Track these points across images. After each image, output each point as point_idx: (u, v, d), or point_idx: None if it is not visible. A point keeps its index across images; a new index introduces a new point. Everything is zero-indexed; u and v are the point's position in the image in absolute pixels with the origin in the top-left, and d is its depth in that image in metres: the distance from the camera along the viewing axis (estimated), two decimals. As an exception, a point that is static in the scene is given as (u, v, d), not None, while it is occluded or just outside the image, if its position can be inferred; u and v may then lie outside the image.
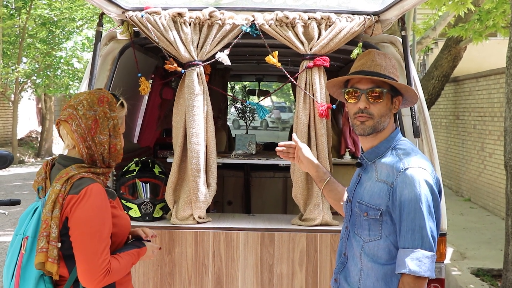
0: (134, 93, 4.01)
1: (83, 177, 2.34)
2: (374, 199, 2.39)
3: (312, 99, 3.58)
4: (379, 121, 2.43)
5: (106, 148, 2.41)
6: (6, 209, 5.18)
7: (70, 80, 19.76)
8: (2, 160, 3.57)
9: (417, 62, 15.53)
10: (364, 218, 2.42)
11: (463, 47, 10.63)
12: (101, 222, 2.29)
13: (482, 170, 11.15)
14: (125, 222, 2.48)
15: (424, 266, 2.25)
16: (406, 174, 2.31)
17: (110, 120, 2.42)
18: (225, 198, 5.69)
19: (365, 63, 2.47)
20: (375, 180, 2.43)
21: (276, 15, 3.56)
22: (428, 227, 2.27)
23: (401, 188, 2.31)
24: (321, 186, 2.81)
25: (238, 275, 3.52)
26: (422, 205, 2.27)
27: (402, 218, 2.29)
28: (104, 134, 2.40)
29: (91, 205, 2.28)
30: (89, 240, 2.26)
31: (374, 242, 2.40)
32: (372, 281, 2.39)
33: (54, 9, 18.49)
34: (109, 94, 2.48)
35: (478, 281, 6.63)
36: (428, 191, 2.30)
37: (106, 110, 2.41)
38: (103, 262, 2.27)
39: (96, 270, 2.26)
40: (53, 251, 2.26)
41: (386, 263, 2.37)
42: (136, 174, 3.76)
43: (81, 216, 2.27)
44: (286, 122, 35.70)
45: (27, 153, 20.74)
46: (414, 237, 2.27)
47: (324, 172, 2.82)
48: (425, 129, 3.65)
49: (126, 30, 3.71)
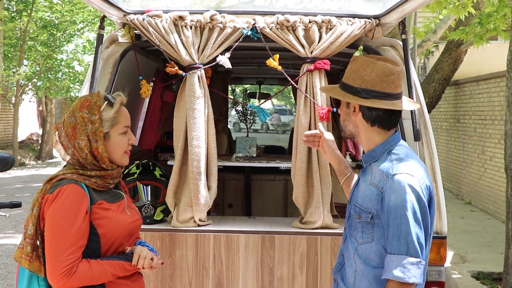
0: (135, 96, 4.02)
1: (65, 178, 2.37)
2: (365, 202, 2.42)
3: (312, 102, 3.59)
4: (343, 125, 2.58)
5: (87, 152, 2.40)
6: (7, 211, 5.19)
7: (71, 82, 19.77)
8: (3, 162, 3.58)
9: (418, 65, 15.54)
10: (358, 221, 2.44)
11: (463, 50, 10.63)
12: (67, 222, 2.28)
13: (482, 174, 11.15)
14: (115, 224, 2.43)
15: (408, 272, 2.25)
16: (394, 180, 2.33)
17: (89, 124, 2.40)
18: (225, 201, 5.69)
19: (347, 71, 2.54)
20: (368, 183, 2.44)
21: (277, 18, 3.57)
22: (414, 233, 2.27)
23: (389, 194, 2.32)
24: (341, 180, 2.85)
25: (239, 278, 3.52)
26: (407, 212, 2.27)
27: (389, 224, 2.31)
28: (82, 139, 2.39)
29: (60, 205, 2.30)
30: (53, 238, 2.29)
31: (366, 245, 2.41)
32: (366, 283, 2.41)
33: (55, 11, 18.51)
34: (94, 98, 2.45)
35: (478, 284, 6.63)
36: (414, 198, 2.30)
37: (84, 115, 2.40)
38: (64, 262, 2.26)
39: (56, 269, 2.26)
40: (26, 248, 2.33)
41: (378, 266, 2.38)
42: (137, 176, 3.77)
43: (50, 215, 2.31)
44: (287, 125, 35.69)
45: (28, 156, 20.75)
46: (399, 243, 2.27)
47: (346, 167, 2.86)
48: (425, 132, 3.65)
49: (128, 33, 3.72)
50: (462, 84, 12.46)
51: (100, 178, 2.43)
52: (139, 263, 2.44)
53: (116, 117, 2.46)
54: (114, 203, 2.48)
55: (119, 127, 2.48)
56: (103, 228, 2.39)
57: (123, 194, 2.58)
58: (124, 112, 2.52)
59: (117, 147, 2.48)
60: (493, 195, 10.52)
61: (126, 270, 2.42)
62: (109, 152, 2.46)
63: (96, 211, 2.38)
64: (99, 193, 2.44)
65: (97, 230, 2.38)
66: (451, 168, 13.36)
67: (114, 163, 2.49)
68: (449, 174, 13.47)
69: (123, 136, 2.50)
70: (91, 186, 2.41)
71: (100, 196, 2.43)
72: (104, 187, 2.46)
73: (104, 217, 2.40)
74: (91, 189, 2.41)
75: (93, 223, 2.37)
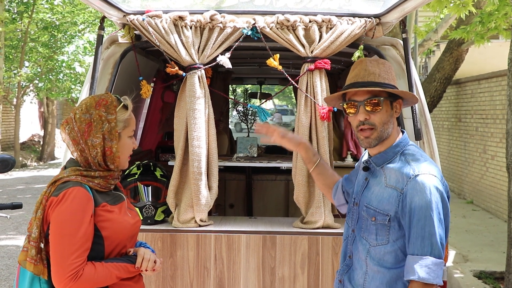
0: (136, 97, 4.01)
1: (69, 180, 2.36)
2: (383, 204, 2.39)
3: (313, 101, 3.58)
4: (382, 129, 2.43)
5: (99, 151, 2.40)
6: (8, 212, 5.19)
7: (72, 84, 19.81)
8: (4, 164, 3.57)
9: (419, 65, 15.52)
10: (372, 223, 2.42)
11: (465, 49, 10.62)
12: (74, 225, 2.28)
13: (484, 173, 11.14)
14: (119, 227, 2.43)
15: (433, 273, 2.25)
16: (417, 181, 2.31)
17: (106, 123, 2.41)
18: (227, 201, 5.69)
19: (358, 74, 2.47)
20: (384, 185, 2.42)
21: (277, 18, 3.57)
22: (437, 234, 2.27)
23: (412, 195, 2.30)
24: (311, 168, 2.84)
25: (240, 278, 3.52)
26: (432, 212, 2.27)
27: (412, 225, 2.29)
28: (97, 137, 2.40)
29: (66, 208, 2.29)
30: (59, 242, 2.28)
31: (381, 247, 2.40)
32: (377, 284, 2.40)
33: (56, 13, 18.54)
34: (110, 98, 2.47)
35: (480, 283, 6.61)
36: (439, 198, 2.30)
37: (102, 113, 2.41)
38: (71, 265, 2.25)
39: (63, 272, 2.25)
40: (31, 251, 2.32)
41: (392, 267, 2.37)
42: (137, 177, 3.77)
43: (56, 219, 2.30)
44: (288, 125, 35.70)
45: (29, 157, 20.76)
46: (423, 244, 2.26)
47: (314, 154, 2.85)
48: (426, 131, 3.64)
49: (128, 34, 3.71)
50: (464, 83, 12.45)
51: (102, 178, 2.43)
52: (143, 266, 2.46)
53: (128, 119, 2.50)
54: (115, 205, 2.48)
55: (129, 130, 2.51)
56: (107, 230, 2.39)
57: (123, 195, 2.58)
58: (133, 116, 2.55)
59: (125, 149, 2.50)
60: (495, 194, 10.51)
61: (129, 272, 2.43)
62: None
63: (100, 213, 2.38)
64: (102, 195, 2.44)
65: (101, 233, 2.38)
66: (453, 167, 13.34)
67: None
68: (450, 173, 13.45)
69: (130, 139, 2.52)
70: (94, 188, 2.41)
71: (103, 198, 2.43)
72: (106, 187, 2.46)
73: (108, 219, 2.40)
74: (95, 191, 2.41)
75: (97, 226, 2.37)
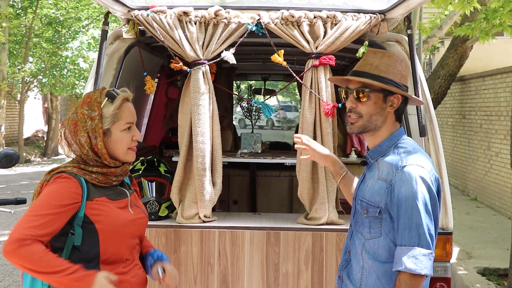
0: (140, 92, 4.01)
1: (65, 170, 2.39)
2: (374, 196, 2.41)
3: (318, 98, 3.58)
4: (369, 119, 2.46)
5: (87, 149, 2.41)
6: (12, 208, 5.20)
7: (76, 79, 19.82)
8: (8, 159, 3.58)
9: (423, 61, 15.50)
10: (365, 216, 2.44)
11: (469, 46, 10.58)
12: (44, 206, 2.28)
13: (488, 169, 11.12)
14: (113, 220, 2.41)
15: (420, 263, 2.25)
16: (404, 172, 2.32)
17: (89, 121, 2.41)
18: (230, 197, 5.69)
19: (360, 63, 2.52)
20: (376, 178, 2.44)
21: (282, 13, 3.56)
22: (425, 224, 2.27)
23: (399, 186, 2.32)
24: (338, 180, 2.87)
25: (244, 274, 3.52)
26: (418, 203, 2.27)
27: (400, 216, 2.30)
28: (82, 135, 2.41)
29: (48, 190, 2.34)
30: (27, 212, 2.29)
31: (374, 240, 2.41)
32: (374, 278, 2.41)
33: (60, 8, 18.56)
34: (96, 94, 2.47)
35: (484, 280, 6.61)
36: (425, 189, 2.30)
37: (85, 111, 2.43)
38: (24, 231, 2.21)
39: (12, 234, 2.23)
40: None
41: (386, 261, 2.38)
42: (141, 173, 3.76)
43: (38, 197, 2.36)
44: (292, 121, 35.68)
45: (33, 153, 20.81)
46: (411, 234, 2.27)
47: (341, 167, 2.87)
48: (431, 128, 3.64)
49: (132, 29, 3.71)
50: (468, 80, 12.42)
51: (102, 174, 2.44)
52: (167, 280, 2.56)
53: (117, 113, 2.46)
54: (115, 200, 2.47)
55: (121, 124, 2.47)
56: (101, 223, 2.38)
57: (128, 192, 2.57)
58: (127, 108, 2.49)
59: (119, 144, 2.47)
60: (499, 191, 10.49)
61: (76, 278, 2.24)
62: (111, 148, 2.46)
63: (93, 206, 2.38)
64: (101, 189, 2.44)
65: (95, 225, 2.37)
66: (457, 164, 13.32)
67: (117, 160, 2.48)
68: (454, 170, 13.43)
69: (126, 133, 2.48)
70: (91, 182, 2.41)
71: (102, 192, 2.43)
72: (107, 183, 2.46)
73: (102, 212, 2.39)
74: (91, 184, 2.41)
75: (91, 218, 2.37)
